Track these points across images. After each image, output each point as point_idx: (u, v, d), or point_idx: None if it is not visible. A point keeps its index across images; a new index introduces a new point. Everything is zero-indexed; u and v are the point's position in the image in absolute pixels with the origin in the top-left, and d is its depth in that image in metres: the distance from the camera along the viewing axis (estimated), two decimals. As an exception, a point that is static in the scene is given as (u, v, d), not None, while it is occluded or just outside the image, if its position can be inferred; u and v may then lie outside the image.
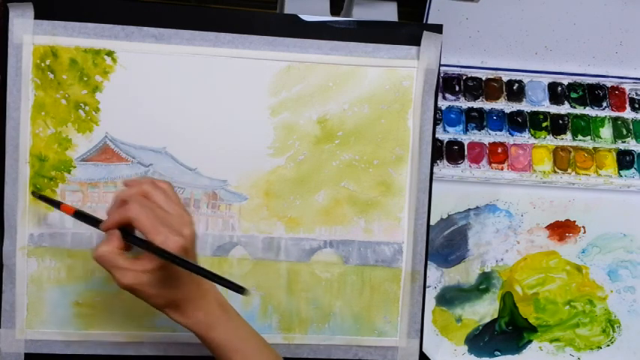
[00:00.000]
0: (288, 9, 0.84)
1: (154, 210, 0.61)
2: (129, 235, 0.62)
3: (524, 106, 0.94)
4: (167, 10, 0.78)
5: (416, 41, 0.80)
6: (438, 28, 0.81)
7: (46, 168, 0.77)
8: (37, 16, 0.75)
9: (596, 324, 0.90)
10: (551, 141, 0.92)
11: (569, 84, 0.96)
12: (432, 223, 0.87)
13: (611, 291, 0.91)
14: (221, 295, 0.68)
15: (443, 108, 0.92)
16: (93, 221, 0.66)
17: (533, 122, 0.93)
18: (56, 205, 0.71)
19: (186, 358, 0.80)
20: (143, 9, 0.77)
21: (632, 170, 0.92)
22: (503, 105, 0.94)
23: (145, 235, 0.60)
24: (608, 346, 0.90)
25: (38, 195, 0.75)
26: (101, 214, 0.77)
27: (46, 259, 0.77)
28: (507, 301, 0.89)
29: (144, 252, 0.61)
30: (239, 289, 0.58)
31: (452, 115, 0.92)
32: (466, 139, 0.91)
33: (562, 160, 0.91)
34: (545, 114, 0.93)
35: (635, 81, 0.97)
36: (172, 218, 0.62)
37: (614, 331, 0.90)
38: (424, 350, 0.84)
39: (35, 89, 0.76)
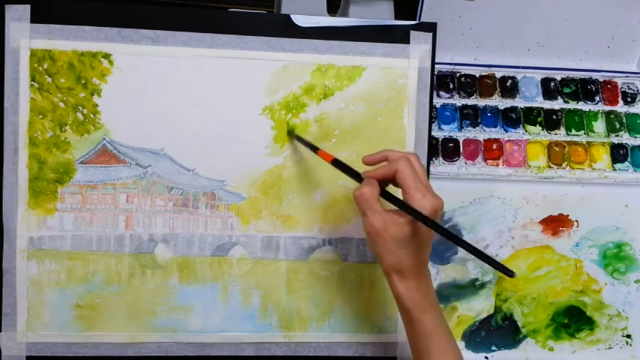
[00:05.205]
0: (285, 9, 0.84)
1: (416, 172, 0.65)
2: (384, 191, 0.66)
3: (518, 102, 0.94)
4: (163, 11, 0.78)
5: (409, 40, 0.81)
6: (431, 27, 0.82)
7: (45, 171, 0.77)
8: (34, 20, 0.76)
9: (592, 317, 0.91)
10: (545, 136, 0.92)
11: (562, 79, 0.96)
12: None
13: (606, 284, 0.91)
14: None
15: (437, 106, 0.92)
16: (351, 171, 0.69)
17: (527, 118, 0.93)
18: (314, 149, 0.74)
19: (187, 359, 0.80)
20: (139, 11, 0.77)
21: (626, 163, 0.92)
22: (497, 101, 0.94)
23: (405, 189, 0.64)
24: (604, 338, 0.91)
25: (295, 136, 0.79)
26: (101, 216, 0.78)
27: (46, 262, 0.77)
28: (503, 297, 0.90)
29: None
30: (506, 272, 0.55)
31: (446, 113, 0.93)
32: (461, 136, 0.92)
33: (556, 155, 0.91)
34: (539, 109, 0.94)
35: (627, 75, 0.97)
36: (428, 186, 0.66)
37: (609, 324, 0.91)
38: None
39: (33, 93, 0.76)
